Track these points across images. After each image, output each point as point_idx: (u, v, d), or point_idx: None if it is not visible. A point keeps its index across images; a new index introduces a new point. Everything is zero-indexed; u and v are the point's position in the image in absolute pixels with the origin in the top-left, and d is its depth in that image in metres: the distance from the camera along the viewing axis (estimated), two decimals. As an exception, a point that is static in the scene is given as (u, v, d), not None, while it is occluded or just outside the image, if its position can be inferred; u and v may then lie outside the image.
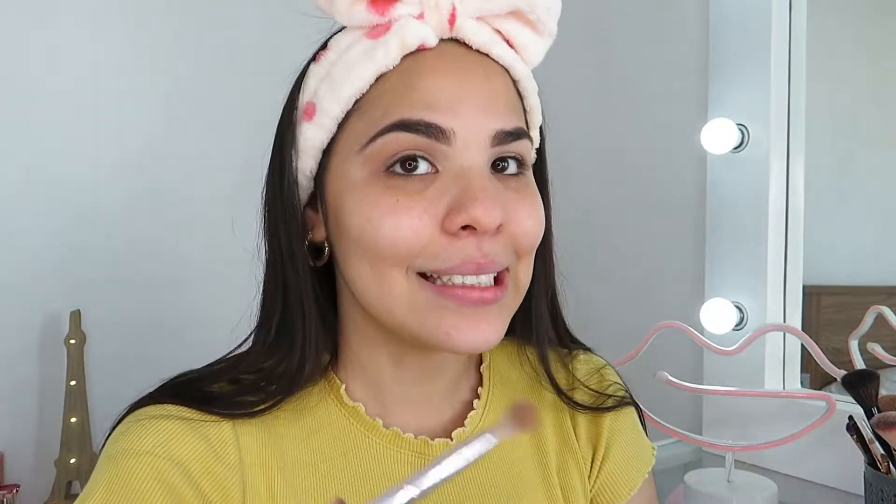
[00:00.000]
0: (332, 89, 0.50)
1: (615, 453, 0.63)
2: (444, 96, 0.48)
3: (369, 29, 0.50)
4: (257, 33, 1.38)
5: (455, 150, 0.48)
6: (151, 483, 0.47)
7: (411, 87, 0.48)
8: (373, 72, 0.49)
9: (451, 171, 0.48)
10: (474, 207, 0.46)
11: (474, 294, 0.48)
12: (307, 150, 0.52)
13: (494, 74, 0.51)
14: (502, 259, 0.49)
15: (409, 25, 0.49)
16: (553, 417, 0.63)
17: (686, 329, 0.98)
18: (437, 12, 0.49)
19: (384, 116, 0.48)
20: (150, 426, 0.50)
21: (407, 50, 0.49)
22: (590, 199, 1.43)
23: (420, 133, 0.48)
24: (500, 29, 0.52)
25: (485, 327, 0.49)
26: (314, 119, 0.51)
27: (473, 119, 0.48)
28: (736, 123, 1.11)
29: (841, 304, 1.21)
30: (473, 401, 0.60)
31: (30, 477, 1.16)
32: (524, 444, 0.61)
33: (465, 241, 0.48)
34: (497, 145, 0.50)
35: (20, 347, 1.18)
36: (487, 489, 0.57)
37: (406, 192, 0.48)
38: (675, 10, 1.29)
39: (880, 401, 0.80)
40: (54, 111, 1.21)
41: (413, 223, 0.47)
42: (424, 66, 0.49)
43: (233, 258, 1.26)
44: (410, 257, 0.48)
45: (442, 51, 0.50)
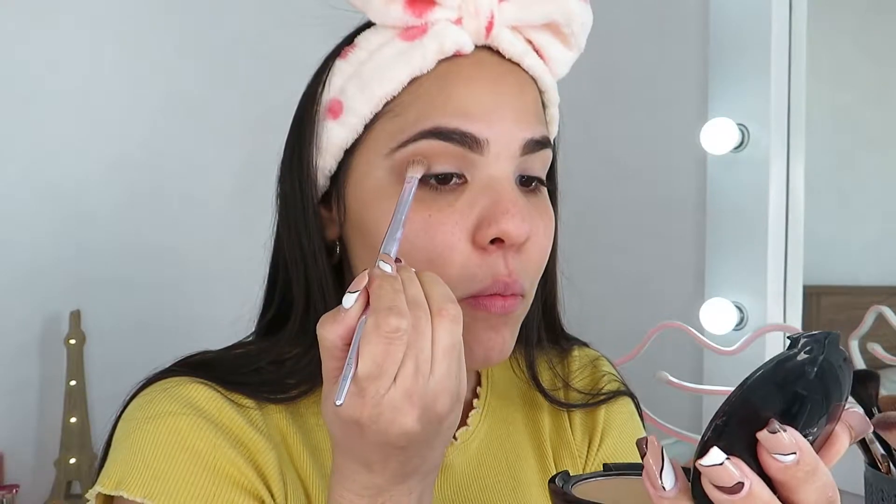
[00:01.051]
0: (362, 89, 0.49)
1: (609, 442, 0.63)
2: (480, 106, 0.48)
3: (403, 30, 0.49)
4: (257, 33, 1.38)
5: (486, 160, 0.48)
6: (201, 429, 0.47)
7: (447, 95, 0.48)
8: (407, 75, 0.48)
9: (480, 182, 0.48)
10: (505, 221, 0.46)
11: (498, 303, 0.48)
12: (329, 148, 0.51)
13: (526, 85, 0.51)
14: (523, 280, 0.49)
15: (448, 30, 0.48)
16: (550, 414, 0.63)
17: (686, 329, 0.98)
18: (475, 19, 0.49)
19: (417, 122, 0.48)
20: (182, 390, 0.49)
21: (444, 55, 0.48)
22: (590, 198, 1.43)
23: (454, 142, 0.47)
24: (532, 39, 0.52)
25: (500, 339, 0.49)
26: (340, 118, 0.50)
27: (507, 129, 0.48)
28: (736, 123, 1.11)
29: (841, 304, 1.21)
30: (473, 400, 0.60)
31: (30, 477, 1.16)
32: (525, 440, 0.61)
33: (494, 257, 0.48)
34: (525, 154, 0.50)
35: (20, 347, 1.18)
36: (489, 483, 0.58)
37: (437, 205, 0.48)
38: (675, 10, 1.29)
39: (880, 401, 0.80)
40: (54, 111, 1.21)
41: (446, 239, 0.47)
42: (460, 73, 0.49)
43: (232, 258, 1.26)
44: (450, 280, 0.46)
45: (477, 59, 0.50)
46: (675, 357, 1.11)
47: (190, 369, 0.52)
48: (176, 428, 0.47)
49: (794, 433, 0.31)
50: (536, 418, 0.63)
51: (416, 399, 0.39)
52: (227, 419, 0.49)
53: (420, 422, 0.39)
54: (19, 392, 1.17)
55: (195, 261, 1.32)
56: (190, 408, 0.48)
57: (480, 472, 0.58)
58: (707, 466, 0.30)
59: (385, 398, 0.38)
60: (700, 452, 0.31)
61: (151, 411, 0.48)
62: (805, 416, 0.32)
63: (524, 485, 0.59)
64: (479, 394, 0.61)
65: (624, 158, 1.39)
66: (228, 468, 0.47)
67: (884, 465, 0.79)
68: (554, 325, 0.63)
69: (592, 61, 1.61)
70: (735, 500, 0.30)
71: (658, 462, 0.32)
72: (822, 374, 0.32)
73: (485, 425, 0.59)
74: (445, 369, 0.40)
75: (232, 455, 0.47)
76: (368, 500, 0.41)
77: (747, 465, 0.30)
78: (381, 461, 0.40)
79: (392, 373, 0.38)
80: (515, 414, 0.62)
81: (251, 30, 1.37)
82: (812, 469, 0.31)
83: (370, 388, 0.38)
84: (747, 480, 0.30)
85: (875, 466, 0.79)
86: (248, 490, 0.47)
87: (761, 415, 0.31)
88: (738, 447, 0.31)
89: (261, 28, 1.38)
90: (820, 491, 0.31)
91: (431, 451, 0.42)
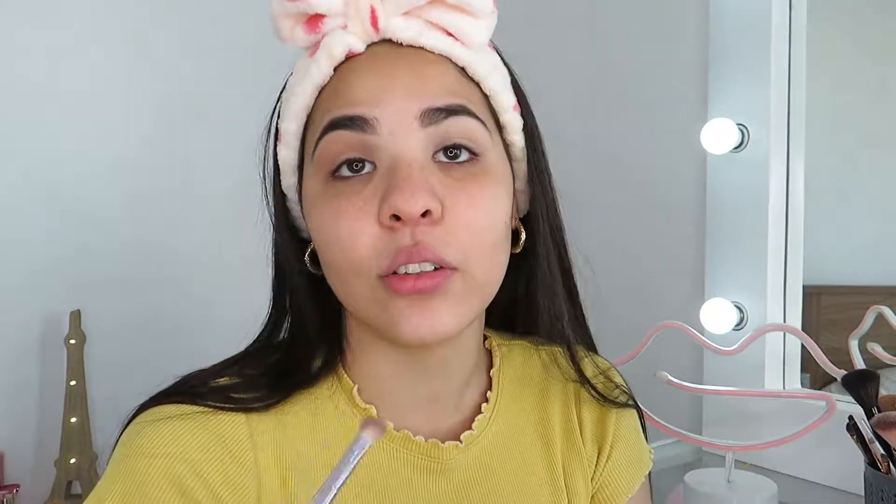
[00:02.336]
0: (287, 111, 0.54)
1: (617, 455, 0.63)
2: (366, 91, 0.49)
3: (311, 48, 0.53)
4: (257, 33, 1.37)
5: (383, 138, 0.49)
6: (166, 486, 0.47)
7: (339, 92, 0.51)
8: (311, 87, 0.52)
9: (384, 164, 0.49)
10: (395, 196, 0.47)
11: (407, 283, 0.47)
12: (286, 170, 0.56)
13: (424, 63, 0.51)
14: (437, 250, 0.47)
15: (334, 38, 0.51)
16: (561, 418, 0.63)
17: (686, 329, 0.98)
18: (358, 18, 0.51)
19: (321, 121, 0.51)
20: (162, 427, 0.49)
21: (336, 61, 0.51)
22: (590, 199, 1.43)
23: (346, 128, 0.49)
24: (430, 20, 0.51)
25: (431, 317, 0.48)
26: (282, 140, 0.55)
27: (396, 104, 0.49)
28: (736, 123, 1.11)
29: (841, 304, 1.21)
30: (482, 404, 0.60)
31: (30, 477, 1.16)
32: (534, 447, 0.61)
33: (400, 232, 0.48)
34: (430, 125, 0.49)
35: (20, 347, 1.18)
36: (496, 489, 0.58)
37: (346, 194, 0.49)
38: (675, 10, 1.29)
39: (880, 401, 0.80)
40: (54, 111, 1.21)
41: (351, 224, 0.48)
42: (351, 70, 0.51)
43: (232, 258, 1.27)
44: (362, 260, 0.48)
45: (371, 53, 0.52)
46: (675, 357, 1.11)
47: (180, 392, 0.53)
48: (143, 473, 0.48)
49: None
50: (547, 419, 0.62)
51: None
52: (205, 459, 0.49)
53: None
54: (19, 392, 1.17)
55: (195, 261, 1.32)
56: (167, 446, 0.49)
57: (484, 474, 0.58)
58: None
59: None
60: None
61: (132, 448, 0.49)
62: None
63: (531, 488, 0.59)
64: (488, 398, 0.60)
65: (624, 158, 1.39)
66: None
67: (884, 465, 0.79)
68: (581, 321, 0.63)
69: (593, 61, 1.62)
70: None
71: None
72: None
73: (492, 430, 0.59)
74: None
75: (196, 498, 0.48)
76: None
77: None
78: None
79: None
80: (526, 419, 0.62)
81: (251, 30, 1.37)
82: None
83: None
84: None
85: (875, 466, 0.79)
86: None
87: None
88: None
89: (261, 28, 1.37)
90: None
91: None
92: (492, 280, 0.52)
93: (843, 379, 0.84)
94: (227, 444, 0.50)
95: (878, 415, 0.77)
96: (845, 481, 0.96)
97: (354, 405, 0.55)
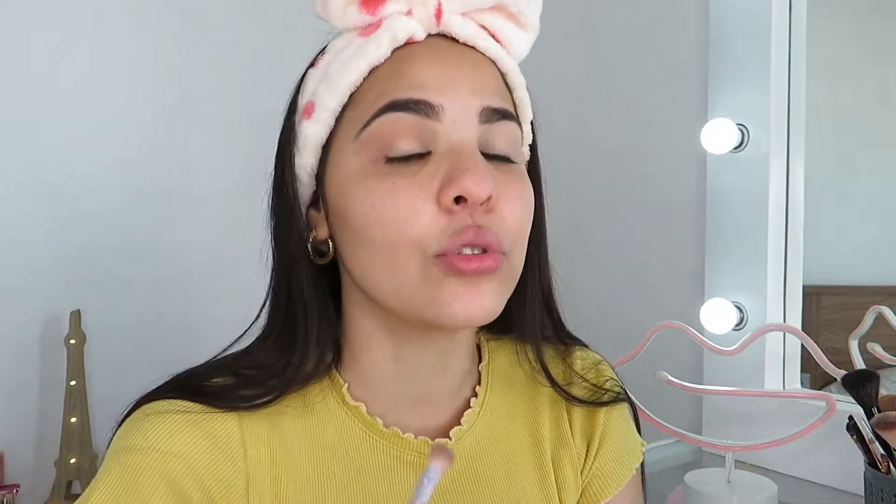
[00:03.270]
0: (329, 86, 0.53)
1: (607, 448, 0.64)
2: (433, 77, 0.51)
3: (362, 29, 0.53)
4: (257, 33, 1.38)
5: (444, 126, 0.50)
6: (156, 480, 0.49)
7: (401, 74, 0.51)
8: (366, 65, 0.52)
9: (442, 149, 0.50)
10: (465, 178, 0.48)
11: (473, 264, 0.48)
12: (307, 146, 0.54)
13: (483, 63, 0.54)
14: (499, 236, 0.50)
15: (398, 21, 0.51)
16: (550, 413, 0.64)
17: (686, 329, 0.98)
18: (424, 8, 0.52)
19: (375, 101, 0.51)
20: (156, 422, 0.51)
21: (397, 44, 0.52)
22: (590, 198, 1.43)
23: (410, 111, 0.50)
24: (484, 24, 0.54)
25: (483, 298, 0.49)
26: (313, 116, 0.54)
27: (461, 95, 0.51)
28: (736, 123, 1.11)
29: (841, 304, 1.21)
30: (471, 399, 0.61)
31: (30, 477, 1.16)
32: (523, 440, 0.62)
33: (461, 215, 0.49)
34: (485, 122, 0.51)
35: (20, 347, 1.18)
36: (486, 481, 0.58)
37: (401, 174, 0.49)
38: (675, 10, 1.29)
39: (880, 401, 0.80)
40: (54, 111, 1.21)
41: (411, 201, 0.49)
42: (413, 55, 0.52)
43: (233, 257, 1.26)
44: (419, 237, 0.49)
45: (430, 43, 0.53)
46: (675, 357, 1.11)
47: (174, 390, 0.53)
48: (136, 468, 0.49)
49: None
50: (536, 417, 0.63)
51: None
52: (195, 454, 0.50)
53: None
54: (19, 392, 1.17)
55: (195, 260, 1.32)
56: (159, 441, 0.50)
57: (474, 468, 0.58)
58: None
59: None
60: None
61: (126, 442, 0.51)
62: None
63: (520, 480, 0.60)
64: (477, 392, 0.61)
65: (624, 159, 1.39)
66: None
67: (884, 465, 0.79)
68: (553, 317, 0.64)
69: (593, 61, 1.62)
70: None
71: None
72: None
73: (481, 423, 0.60)
74: None
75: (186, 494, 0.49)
76: None
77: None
78: None
79: None
80: (515, 413, 0.63)
81: (251, 30, 1.37)
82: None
83: None
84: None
85: (875, 466, 0.79)
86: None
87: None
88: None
89: (261, 28, 1.38)
90: None
91: None
92: (520, 270, 0.54)
93: (843, 379, 0.84)
94: (219, 443, 0.51)
95: (878, 415, 0.77)
96: (845, 481, 0.96)
97: (345, 403, 0.56)
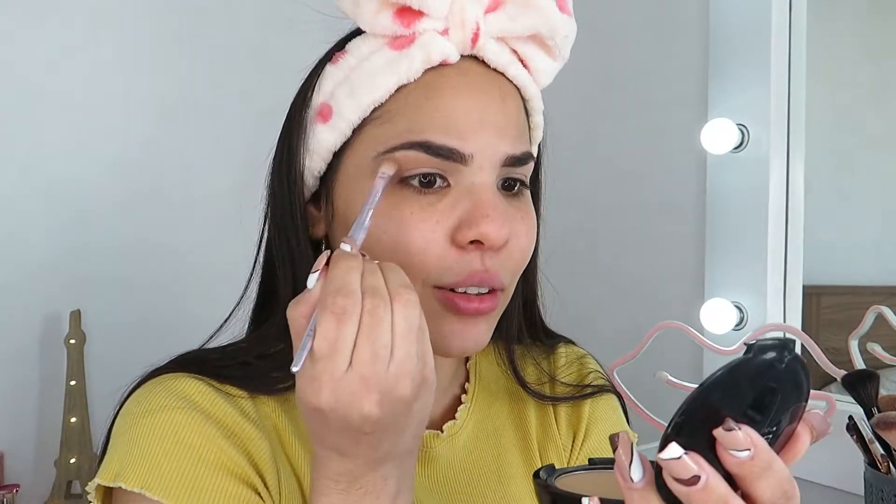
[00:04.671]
0: (351, 95, 0.51)
1: (594, 436, 0.65)
2: (465, 120, 0.50)
3: (392, 39, 0.51)
4: (257, 33, 1.38)
5: (470, 169, 0.50)
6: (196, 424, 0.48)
7: (434, 107, 0.50)
8: (395, 82, 0.50)
9: (463, 187, 0.50)
10: (485, 224, 0.48)
11: (472, 305, 0.50)
12: (319, 151, 0.53)
13: (509, 95, 0.53)
14: (502, 275, 0.51)
15: (434, 41, 0.50)
16: (536, 409, 0.65)
17: (686, 329, 0.98)
18: (461, 30, 0.50)
19: (407, 132, 0.50)
20: (176, 383, 0.51)
21: (430, 65, 0.50)
22: (590, 199, 1.43)
23: (441, 157, 0.49)
24: (517, 50, 0.53)
25: (477, 334, 0.52)
26: (329, 122, 0.52)
27: (490, 143, 0.50)
28: (736, 123, 1.11)
29: (841, 304, 1.20)
30: (462, 395, 0.62)
31: (30, 477, 1.16)
32: (510, 434, 0.63)
33: (472, 255, 0.50)
34: (506, 166, 0.52)
35: (20, 347, 1.18)
36: (474, 475, 0.59)
37: (419, 204, 0.50)
38: (675, 10, 1.29)
39: (880, 401, 0.80)
40: (54, 111, 1.21)
41: (425, 235, 0.49)
42: (446, 83, 0.51)
43: (233, 257, 1.26)
44: (426, 270, 0.50)
45: (463, 69, 0.52)
46: (675, 357, 1.11)
47: (182, 366, 0.54)
48: (171, 421, 0.49)
49: (749, 431, 0.32)
50: (522, 413, 0.64)
51: (374, 384, 0.40)
52: (219, 411, 0.50)
53: (381, 406, 0.40)
54: (19, 392, 1.17)
55: (195, 261, 1.32)
56: (184, 401, 0.50)
57: (467, 464, 0.59)
58: (666, 460, 0.32)
59: (341, 383, 0.39)
60: (661, 447, 0.33)
61: (147, 406, 0.50)
62: (767, 414, 0.34)
63: (509, 477, 0.61)
64: (467, 389, 0.63)
65: (624, 159, 1.39)
66: (221, 458, 0.48)
67: (884, 465, 0.79)
68: (534, 321, 0.65)
69: (593, 62, 1.62)
70: (692, 492, 0.32)
71: (628, 456, 0.34)
72: (779, 377, 0.33)
73: (473, 419, 0.61)
74: (405, 353, 0.41)
75: (224, 445, 0.49)
76: (345, 485, 0.43)
77: (706, 461, 0.32)
78: (351, 446, 0.41)
79: (345, 354, 0.39)
80: (502, 409, 0.64)
81: (251, 30, 1.37)
82: (767, 464, 0.33)
83: (323, 370, 0.39)
84: (704, 474, 0.32)
85: (875, 466, 0.79)
86: (241, 478, 0.49)
87: (720, 414, 0.33)
88: (699, 443, 0.33)
89: (261, 28, 1.38)
90: (775, 486, 0.33)
91: (401, 435, 0.43)
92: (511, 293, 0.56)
93: (843, 379, 0.83)
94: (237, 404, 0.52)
95: (878, 415, 0.77)
96: (845, 481, 0.96)
97: None
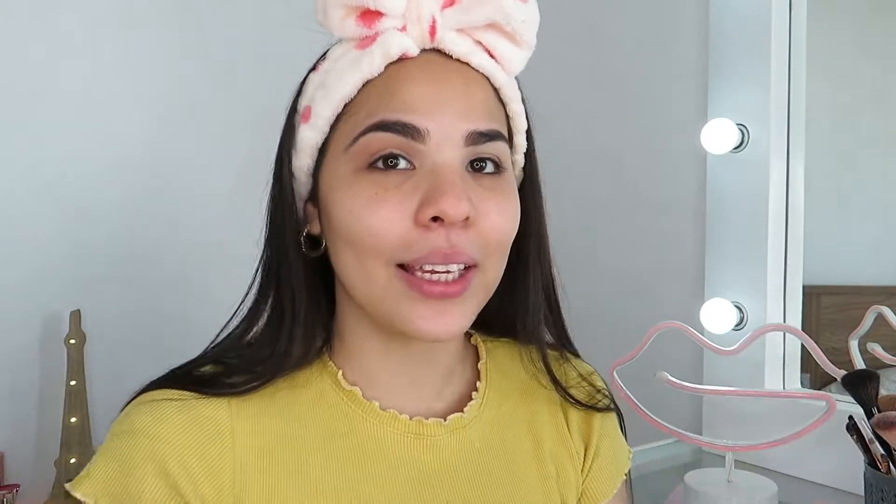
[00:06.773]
0: (325, 95, 0.55)
1: (604, 452, 0.66)
2: (422, 100, 0.52)
3: (359, 41, 0.54)
4: (257, 34, 1.38)
5: (429, 148, 0.52)
6: (146, 463, 0.51)
7: (392, 93, 0.52)
8: (359, 78, 0.53)
9: (426, 168, 0.52)
10: (442, 200, 0.49)
11: (437, 288, 0.51)
12: (304, 149, 0.57)
13: (473, 82, 0.55)
14: (469, 252, 0.52)
15: (392, 37, 0.53)
16: (549, 413, 0.66)
17: (686, 329, 0.98)
18: (418, 24, 0.53)
19: (367, 118, 0.52)
20: (148, 408, 0.53)
21: (389, 59, 0.53)
22: (590, 199, 1.43)
23: (397, 132, 0.51)
24: (480, 40, 0.55)
25: (447, 319, 0.52)
26: (310, 121, 0.56)
27: (448, 120, 0.52)
28: (736, 123, 1.11)
29: (841, 304, 1.21)
30: (472, 393, 0.63)
31: (30, 477, 1.16)
32: (522, 436, 0.63)
33: (436, 232, 0.51)
34: (471, 145, 0.53)
35: (20, 347, 1.18)
36: (483, 476, 0.60)
37: (384, 185, 0.51)
38: (675, 10, 1.29)
39: (880, 401, 0.80)
40: (54, 111, 1.21)
41: (388, 214, 0.51)
42: (405, 73, 0.53)
43: (233, 257, 1.26)
44: (389, 249, 0.51)
45: (423, 60, 0.54)
46: (675, 357, 1.11)
47: (170, 379, 0.56)
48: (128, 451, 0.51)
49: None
50: (535, 416, 0.65)
51: None
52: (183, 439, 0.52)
53: None
54: (19, 392, 1.17)
55: (196, 260, 1.32)
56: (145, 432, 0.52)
57: (477, 459, 0.60)
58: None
59: None
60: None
61: (122, 427, 0.53)
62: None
63: (520, 476, 0.61)
64: (478, 387, 0.63)
65: (624, 158, 1.39)
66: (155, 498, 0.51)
67: (884, 465, 0.79)
68: (557, 322, 0.65)
69: (593, 62, 1.62)
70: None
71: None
72: None
73: (483, 417, 0.62)
74: None
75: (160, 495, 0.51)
76: None
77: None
78: None
79: None
80: (515, 411, 0.64)
81: (251, 30, 1.37)
82: None
83: None
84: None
85: (875, 466, 0.79)
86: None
87: None
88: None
89: (261, 29, 1.38)
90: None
91: None
92: (497, 280, 0.56)
93: (843, 379, 0.84)
94: (205, 427, 0.53)
95: (878, 415, 0.77)
96: (845, 481, 0.96)
97: (340, 388, 0.58)
